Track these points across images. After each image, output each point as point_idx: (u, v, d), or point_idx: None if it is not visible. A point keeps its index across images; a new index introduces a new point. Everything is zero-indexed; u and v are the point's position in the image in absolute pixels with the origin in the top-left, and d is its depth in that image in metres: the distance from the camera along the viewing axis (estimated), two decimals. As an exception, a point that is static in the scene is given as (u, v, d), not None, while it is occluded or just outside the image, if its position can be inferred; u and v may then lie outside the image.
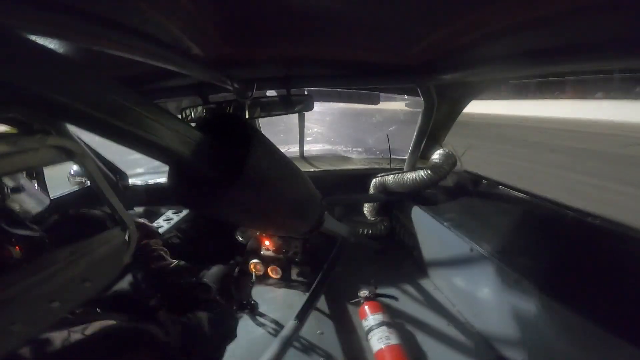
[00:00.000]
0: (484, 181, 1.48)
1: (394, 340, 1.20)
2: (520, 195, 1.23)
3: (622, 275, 0.85)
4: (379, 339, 1.22)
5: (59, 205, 1.70)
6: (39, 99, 0.25)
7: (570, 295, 0.95)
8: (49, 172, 1.60)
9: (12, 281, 0.63)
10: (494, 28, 0.70)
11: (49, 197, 1.53)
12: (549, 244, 1.07)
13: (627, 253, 0.85)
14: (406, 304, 1.51)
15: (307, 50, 0.94)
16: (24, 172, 1.39)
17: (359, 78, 1.20)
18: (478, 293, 1.36)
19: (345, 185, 2.14)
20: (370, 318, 1.31)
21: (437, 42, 0.83)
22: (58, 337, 0.60)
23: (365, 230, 2.18)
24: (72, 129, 1.55)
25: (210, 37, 0.75)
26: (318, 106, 1.56)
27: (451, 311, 1.47)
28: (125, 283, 1.07)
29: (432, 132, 1.62)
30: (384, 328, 1.25)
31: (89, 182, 1.76)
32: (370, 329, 1.28)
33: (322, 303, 1.56)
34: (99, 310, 0.83)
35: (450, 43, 0.84)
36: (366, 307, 1.37)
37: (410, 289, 1.68)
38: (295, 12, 0.64)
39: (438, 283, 1.67)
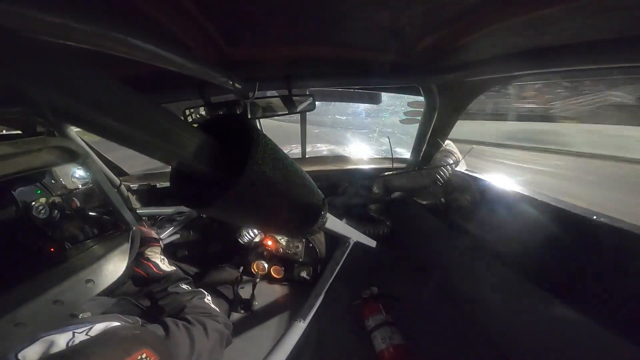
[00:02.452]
0: (485, 182, 1.48)
1: (396, 340, 1.20)
2: (523, 196, 1.22)
3: (626, 276, 0.85)
4: (382, 339, 1.22)
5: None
6: (41, 101, 0.25)
7: (573, 296, 0.94)
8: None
9: (16, 283, 0.63)
10: (496, 27, 0.70)
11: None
12: (551, 245, 1.06)
13: (631, 253, 0.85)
14: (409, 303, 1.51)
15: (309, 50, 0.94)
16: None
17: (360, 77, 1.20)
18: (480, 292, 1.36)
19: (348, 185, 2.14)
20: (372, 318, 1.31)
21: (439, 41, 0.82)
22: (63, 338, 0.60)
23: (368, 230, 2.17)
24: (75, 130, 1.57)
25: (211, 37, 0.75)
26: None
27: (454, 310, 1.47)
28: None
29: (434, 131, 1.61)
30: (386, 328, 1.25)
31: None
32: (373, 329, 1.28)
33: (324, 303, 1.55)
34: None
35: (452, 42, 0.84)
36: (368, 308, 1.37)
37: (412, 288, 1.67)
38: (295, 11, 0.64)
39: (440, 283, 1.67)
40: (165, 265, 1.06)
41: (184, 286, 1.01)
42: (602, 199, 4.29)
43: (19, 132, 1.46)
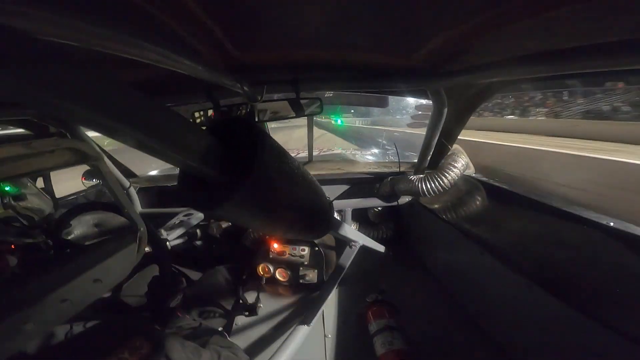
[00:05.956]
0: (494, 185, 1.46)
1: (396, 345, 1.20)
2: (530, 200, 1.21)
3: (626, 277, 0.83)
4: (382, 344, 1.22)
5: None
6: (54, 103, 0.26)
7: (580, 299, 0.92)
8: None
9: (25, 283, 0.64)
10: (505, 29, 0.69)
11: (56, 200, 1.57)
12: (557, 249, 1.05)
13: (632, 255, 0.83)
14: (414, 307, 1.49)
15: (316, 54, 0.95)
16: (28, 183, 1.43)
17: (367, 81, 1.20)
18: (487, 297, 1.34)
19: (354, 188, 2.13)
20: (375, 322, 1.31)
21: (447, 43, 0.82)
22: (61, 330, 0.63)
23: (374, 234, 2.16)
24: (86, 131, 1.60)
25: (219, 41, 0.75)
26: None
27: (459, 315, 1.45)
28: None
29: (442, 135, 1.60)
30: (388, 332, 1.25)
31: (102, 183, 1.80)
32: (375, 333, 1.27)
33: (329, 306, 1.55)
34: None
35: (461, 44, 0.83)
36: (372, 312, 1.36)
37: (418, 292, 1.66)
38: (303, 16, 0.65)
39: (446, 286, 1.65)
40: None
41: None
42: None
43: (32, 133, 1.49)
